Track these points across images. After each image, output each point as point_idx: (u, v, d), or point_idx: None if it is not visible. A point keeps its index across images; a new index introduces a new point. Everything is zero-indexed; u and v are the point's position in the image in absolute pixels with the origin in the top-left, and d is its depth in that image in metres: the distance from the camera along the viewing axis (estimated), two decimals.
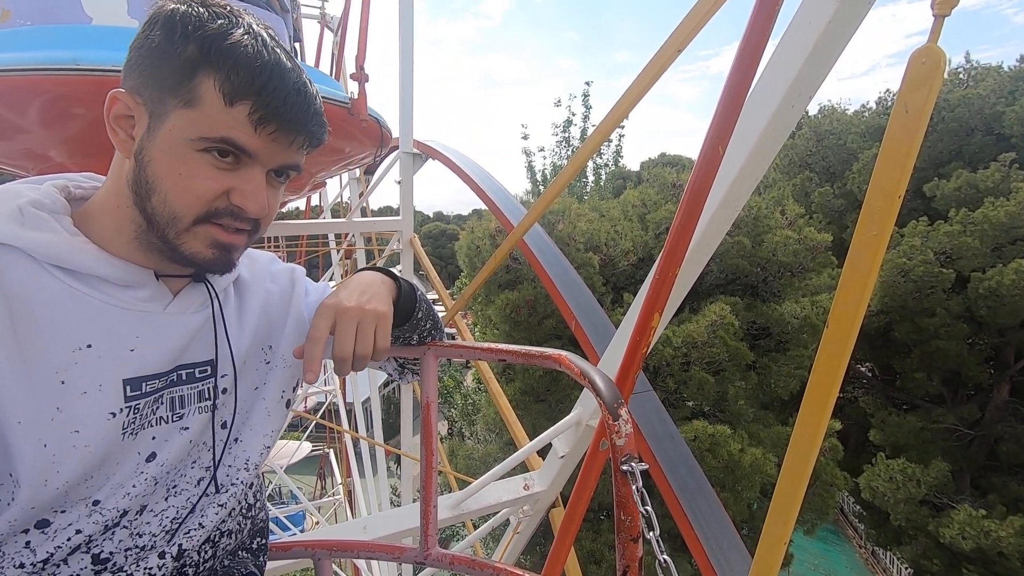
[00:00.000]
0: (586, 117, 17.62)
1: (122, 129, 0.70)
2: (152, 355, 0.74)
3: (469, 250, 10.06)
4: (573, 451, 2.21)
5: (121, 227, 0.72)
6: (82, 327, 0.68)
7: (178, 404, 0.79)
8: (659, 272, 1.19)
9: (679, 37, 1.50)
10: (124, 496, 0.73)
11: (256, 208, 0.72)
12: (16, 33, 2.28)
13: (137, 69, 0.68)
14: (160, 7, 0.68)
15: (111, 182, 0.74)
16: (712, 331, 8.51)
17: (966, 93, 13.46)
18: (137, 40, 0.69)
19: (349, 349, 0.81)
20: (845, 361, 1.24)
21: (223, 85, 0.65)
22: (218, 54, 0.65)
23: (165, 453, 0.77)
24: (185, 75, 0.65)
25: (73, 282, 0.68)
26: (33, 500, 0.65)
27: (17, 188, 0.71)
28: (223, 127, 0.66)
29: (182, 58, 0.65)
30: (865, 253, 1.17)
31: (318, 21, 6.79)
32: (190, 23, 0.65)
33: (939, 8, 1.04)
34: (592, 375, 0.88)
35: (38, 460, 0.64)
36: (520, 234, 2.47)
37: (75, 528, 0.70)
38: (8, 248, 0.66)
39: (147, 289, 0.74)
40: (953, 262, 11.25)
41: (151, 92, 0.67)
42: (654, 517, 0.76)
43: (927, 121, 1.08)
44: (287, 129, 0.70)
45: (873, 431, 12.82)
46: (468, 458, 10.18)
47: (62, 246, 0.68)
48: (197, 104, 0.66)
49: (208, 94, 0.65)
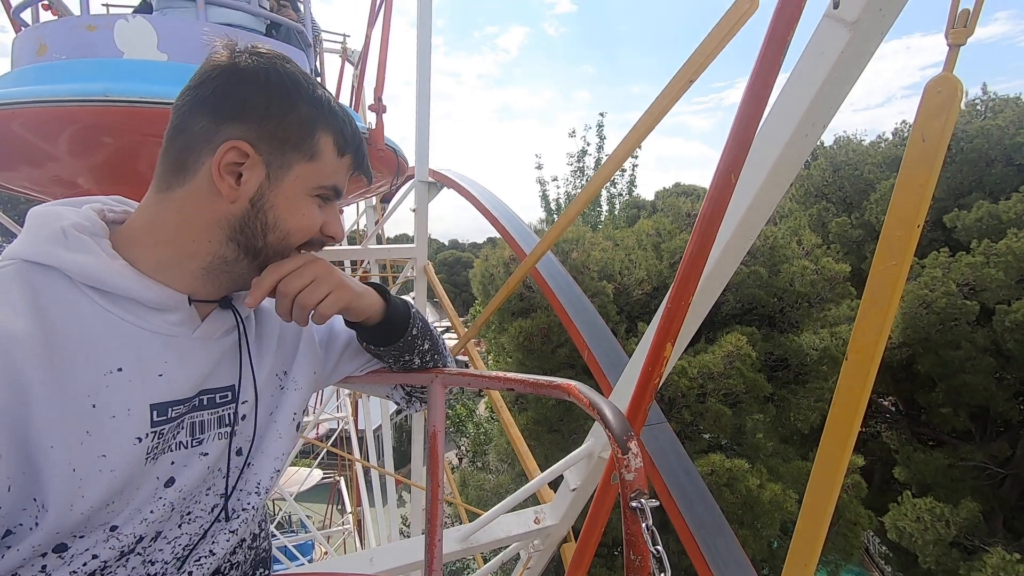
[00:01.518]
0: (600, 147, 17.82)
1: (230, 175, 0.74)
2: (179, 380, 0.74)
3: (483, 278, 10.10)
4: (585, 484, 2.15)
5: (193, 256, 0.75)
6: (114, 350, 0.69)
7: (198, 429, 0.79)
8: (672, 301, 1.17)
9: (691, 67, 1.51)
10: (141, 522, 0.73)
11: (340, 233, 0.85)
12: (52, 67, 2.38)
13: (251, 123, 0.73)
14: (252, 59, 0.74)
15: (178, 217, 0.74)
16: (729, 362, 8.37)
17: (984, 124, 13.36)
18: (241, 93, 0.73)
19: (293, 290, 0.80)
20: (867, 393, 1.20)
21: (337, 140, 0.79)
22: (329, 114, 0.78)
23: (184, 479, 0.77)
24: (306, 133, 0.76)
25: (107, 304, 0.70)
26: (58, 525, 0.64)
27: (58, 211, 0.73)
28: (334, 176, 0.80)
29: (300, 117, 0.75)
30: (884, 283, 1.14)
31: (339, 55, 7.01)
32: (296, 84, 0.75)
33: (953, 38, 1.04)
34: (601, 406, 0.86)
35: (66, 485, 0.64)
36: (533, 262, 2.47)
37: (92, 553, 0.69)
38: (47, 269, 0.68)
39: (179, 313, 0.75)
40: (977, 294, 10.99)
41: (270, 146, 0.74)
42: (665, 558, 0.73)
43: (944, 149, 1.07)
44: (363, 172, 0.86)
45: (898, 468, 12.37)
46: (480, 488, 10.02)
47: (103, 268, 0.69)
48: (318, 158, 0.77)
49: (326, 149, 0.78)
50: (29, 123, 2.20)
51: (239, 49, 0.75)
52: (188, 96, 0.74)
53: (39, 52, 2.42)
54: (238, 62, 0.73)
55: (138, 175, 2.44)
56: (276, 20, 2.86)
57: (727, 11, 1.39)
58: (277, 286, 0.79)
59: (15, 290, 0.65)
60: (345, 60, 6.87)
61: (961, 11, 1.01)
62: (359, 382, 1.11)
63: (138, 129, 2.24)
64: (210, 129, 0.72)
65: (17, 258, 0.68)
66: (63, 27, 2.48)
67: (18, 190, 2.77)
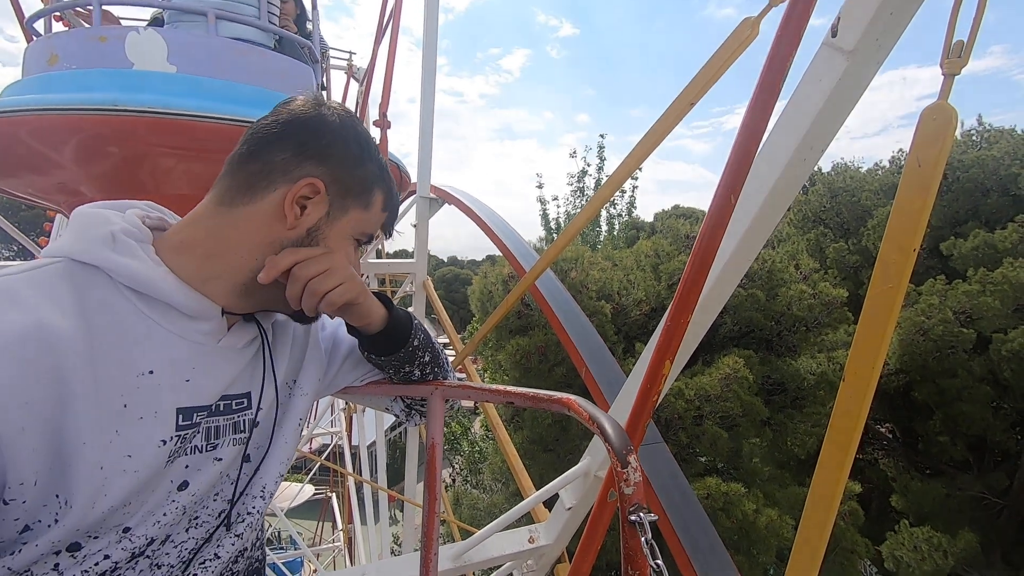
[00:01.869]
0: (600, 168, 17.96)
1: (297, 206, 0.81)
2: (204, 387, 0.77)
3: (482, 295, 10.10)
4: (581, 503, 2.14)
5: (237, 271, 0.79)
6: (148, 353, 0.71)
7: (213, 434, 0.81)
8: (671, 318, 1.18)
9: (692, 90, 1.54)
10: (154, 524, 0.74)
11: (359, 272, 0.94)
12: (62, 76, 2.42)
13: (328, 166, 0.83)
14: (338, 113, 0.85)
15: (232, 234, 0.79)
16: (726, 384, 8.35)
17: (980, 155, 13.54)
18: (325, 138, 0.83)
19: (307, 275, 0.82)
20: (863, 417, 1.21)
21: (386, 199, 0.91)
22: (386, 175, 0.91)
23: (197, 483, 0.79)
24: (368, 187, 0.87)
25: (144, 307, 0.72)
26: (78, 523, 0.65)
27: (107, 214, 0.76)
28: (374, 227, 0.92)
29: (367, 172, 0.87)
30: (881, 306, 1.16)
31: (345, 72, 7.11)
32: (367, 145, 0.88)
33: (948, 68, 1.06)
34: (601, 420, 0.86)
35: (92, 482, 0.65)
36: (532, 279, 2.48)
37: (104, 554, 0.70)
38: (92, 268, 0.70)
39: (211, 323, 0.78)
40: (973, 322, 11.01)
41: (337, 189, 0.84)
42: (665, 572, 0.73)
43: (940, 175, 1.09)
44: (389, 230, 0.99)
45: (895, 496, 12.25)
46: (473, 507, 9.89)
47: (148, 273, 0.72)
48: (370, 208, 0.89)
49: (377, 203, 0.90)
50: (37, 130, 2.22)
51: (324, 102, 0.85)
52: (271, 129, 0.81)
53: (50, 61, 2.45)
54: (325, 114, 0.83)
55: (140, 184, 2.46)
56: (285, 36, 2.90)
57: (728, 37, 1.43)
58: (292, 269, 0.81)
59: (63, 288, 0.67)
60: (350, 77, 6.97)
61: (956, 42, 1.04)
62: (358, 392, 1.12)
63: (144, 139, 2.26)
64: (291, 163, 0.80)
65: (65, 256, 0.71)
66: (75, 38, 2.52)
67: (21, 196, 2.79)
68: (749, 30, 1.39)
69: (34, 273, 0.68)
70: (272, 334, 0.92)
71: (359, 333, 0.98)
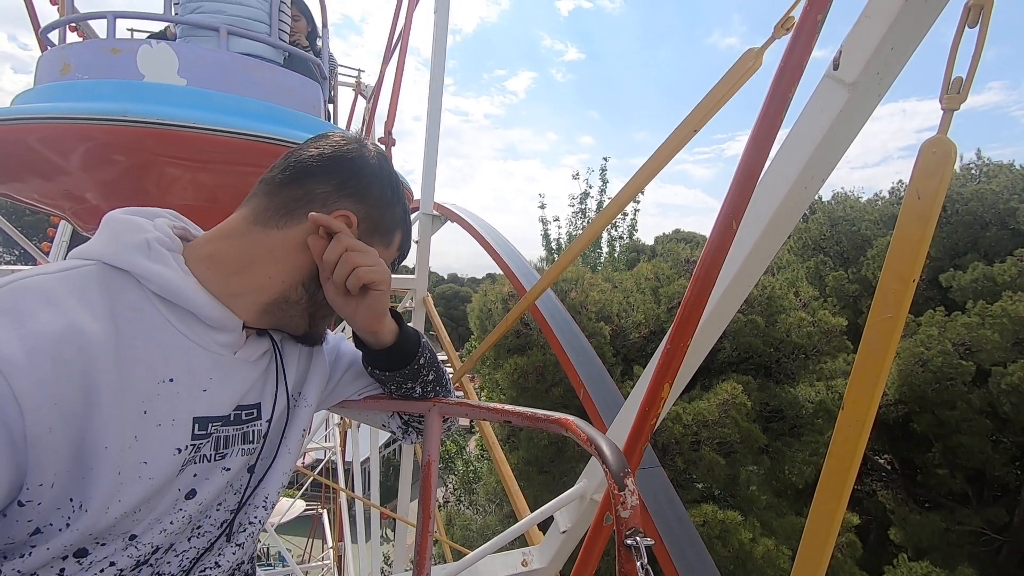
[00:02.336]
0: (603, 190, 18.11)
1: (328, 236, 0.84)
2: (220, 397, 0.78)
3: (481, 313, 10.10)
4: (576, 526, 2.11)
5: (263, 288, 0.82)
6: (170, 361, 0.72)
7: (222, 444, 0.81)
8: (671, 341, 1.18)
9: (695, 117, 1.57)
10: (160, 532, 0.74)
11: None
12: (73, 85, 2.45)
13: (361, 203, 0.88)
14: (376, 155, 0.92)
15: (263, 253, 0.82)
16: (724, 410, 8.30)
17: (979, 188, 13.67)
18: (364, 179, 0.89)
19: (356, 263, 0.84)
20: (862, 445, 1.20)
21: (403, 242, 0.99)
22: (407, 220, 0.99)
23: (204, 492, 0.79)
24: (392, 227, 0.94)
25: (169, 315, 0.73)
26: (91, 528, 0.65)
27: (140, 222, 0.78)
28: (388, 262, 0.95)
29: (394, 214, 0.94)
30: (880, 335, 1.16)
31: (352, 88, 7.21)
32: (398, 189, 0.94)
33: (947, 103, 1.08)
34: (599, 441, 0.86)
35: (109, 487, 0.65)
36: (532, 298, 2.49)
37: (110, 561, 0.70)
38: (123, 274, 0.72)
39: (231, 335, 0.80)
40: (973, 354, 10.98)
41: (367, 225, 0.89)
42: None
43: (939, 207, 1.10)
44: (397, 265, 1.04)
45: (894, 529, 12.09)
46: (466, 528, 9.76)
47: (179, 283, 0.74)
48: (389, 247, 0.95)
49: (394, 243, 0.96)
50: (46, 138, 2.25)
51: (364, 142, 0.92)
52: (315, 160, 0.86)
53: (63, 71, 2.49)
54: (366, 155, 0.90)
55: (145, 192, 2.48)
56: (295, 53, 2.95)
57: (732, 66, 1.45)
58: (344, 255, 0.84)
59: (95, 291, 0.68)
60: (358, 94, 7.06)
61: (955, 78, 1.06)
62: (356, 407, 1.11)
63: (151, 148, 2.28)
64: (331, 196, 0.85)
65: (97, 259, 0.72)
66: (88, 49, 2.56)
67: (26, 201, 2.81)
68: (752, 60, 1.42)
69: (69, 274, 0.68)
70: (282, 346, 0.93)
71: (366, 347, 0.98)
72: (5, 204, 13.61)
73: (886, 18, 1.15)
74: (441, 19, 3.64)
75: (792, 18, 1.38)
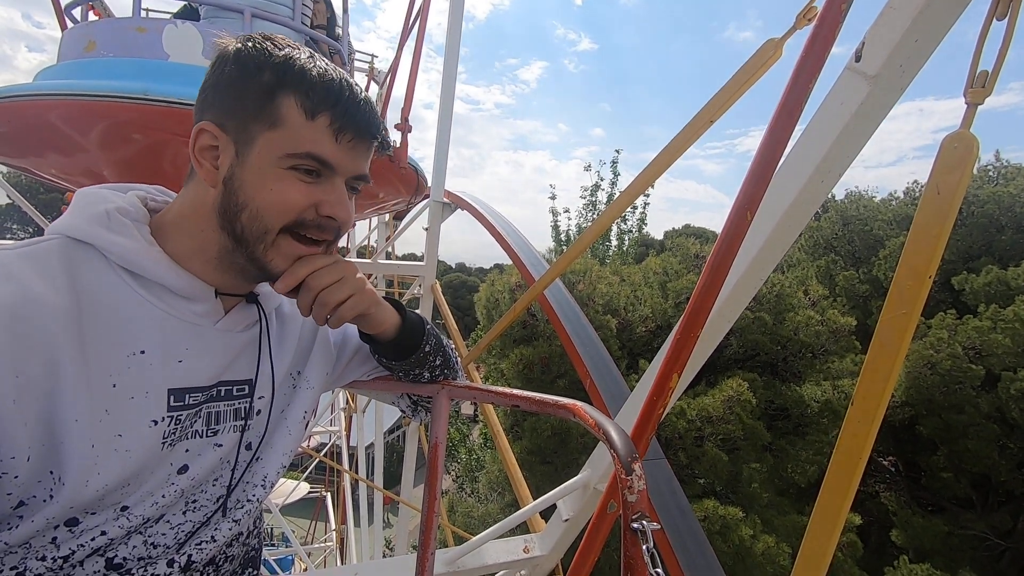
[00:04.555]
0: (613, 183, 17.99)
1: (207, 160, 0.74)
2: (198, 368, 0.76)
3: (488, 302, 10.11)
4: (578, 515, 2.12)
5: (203, 248, 0.76)
6: (140, 333, 0.71)
7: (214, 420, 0.81)
8: (680, 332, 1.18)
9: (713, 107, 1.55)
10: (152, 505, 0.74)
11: (344, 215, 0.77)
12: (96, 63, 2.46)
13: (216, 104, 0.74)
14: (224, 47, 0.75)
15: (188, 207, 0.78)
16: (728, 407, 8.28)
17: (996, 190, 13.47)
18: (209, 79, 0.75)
19: (319, 285, 0.80)
20: (870, 441, 1.20)
21: (303, 102, 0.71)
22: (293, 76, 0.71)
23: (197, 467, 0.78)
24: (266, 100, 0.71)
25: (138, 287, 0.72)
26: (72, 500, 0.65)
27: (105, 194, 0.76)
28: (307, 142, 0.71)
29: (260, 85, 0.71)
30: (894, 331, 1.15)
31: (366, 74, 7.19)
32: (260, 55, 0.72)
33: (972, 97, 1.07)
34: (607, 427, 0.86)
35: (84, 460, 0.65)
36: (541, 288, 2.49)
37: (101, 530, 0.70)
38: (87, 247, 0.70)
39: (205, 304, 0.77)
40: (983, 359, 10.88)
41: (234, 122, 0.72)
42: None
43: (959, 204, 1.09)
44: (362, 135, 0.76)
45: (896, 532, 12.05)
46: (467, 516, 9.83)
47: (140, 252, 0.72)
48: (281, 124, 0.71)
49: (290, 113, 0.71)
50: (67, 115, 2.26)
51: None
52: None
53: (87, 48, 2.50)
54: (227, 48, 0.74)
55: (162, 171, 2.49)
56: (316, 37, 2.95)
57: (752, 56, 1.44)
58: (306, 279, 0.79)
59: (57, 265, 0.67)
60: (371, 79, 7.04)
61: (980, 72, 1.04)
62: (366, 387, 1.12)
63: (169, 128, 2.29)
64: (198, 121, 0.75)
65: (61, 234, 0.71)
66: (113, 27, 2.57)
67: (44, 176, 2.83)
68: (773, 51, 1.40)
69: (28, 249, 0.68)
70: (279, 322, 0.92)
71: (371, 339, 0.97)
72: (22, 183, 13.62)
73: (911, 9, 1.13)
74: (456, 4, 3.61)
75: (815, 7, 1.36)
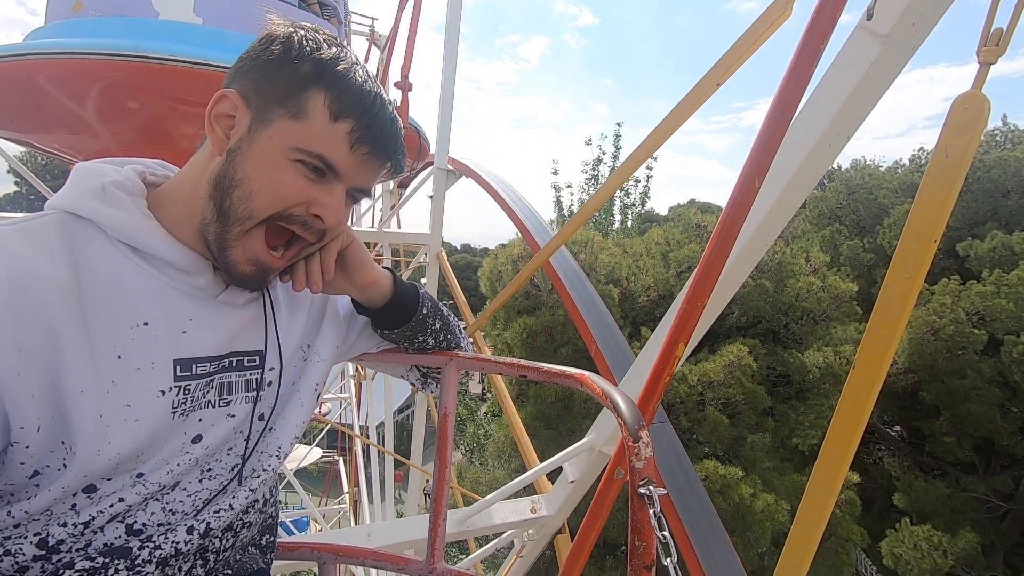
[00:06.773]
0: (615, 156, 17.70)
1: (220, 127, 0.74)
2: (203, 338, 0.77)
3: (491, 275, 10.13)
4: (584, 477, 2.17)
5: (190, 216, 0.76)
6: (142, 305, 0.71)
7: (226, 390, 0.82)
8: (687, 301, 1.18)
9: (720, 70, 1.52)
10: (168, 473, 0.76)
11: (334, 220, 0.77)
12: (84, 22, 2.40)
13: (249, 76, 0.73)
14: (278, 24, 0.74)
15: (189, 174, 0.78)
16: (729, 371, 8.36)
17: (1003, 155, 13.27)
18: (252, 50, 0.75)
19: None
20: (871, 404, 1.21)
21: (332, 102, 0.71)
22: (331, 74, 0.72)
23: (210, 437, 0.80)
24: (297, 89, 0.71)
25: (139, 261, 0.72)
26: (85, 468, 0.67)
27: (102, 168, 0.76)
28: (321, 143, 0.72)
29: (297, 73, 0.71)
30: (897, 295, 1.15)
31: (367, 38, 7.03)
32: (308, 45, 0.72)
33: (985, 56, 1.04)
34: (614, 395, 0.88)
35: (93, 430, 0.66)
36: (547, 256, 2.49)
37: (119, 496, 0.72)
38: (86, 221, 0.71)
39: (205, 277, 0.78)
40: (986, 324, 10.89)
41: (259, 99, 0.72)
42: (672, 543, 0.74)
43: (967, 167, 1.08)
44: (378, 153, 0.76)
45: (898, 495, 12.29)
46: (475, 482, 10.06)
47: (135, 225, 0.72)
48: (303, 117, 0.71)
49: (316, 109, 0.71)
50: (56, 75, 2.19)
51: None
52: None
53: (75, 8, 2.44)
54: (279, 27, 0.74)
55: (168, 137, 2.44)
56: None
57: (760, 15, 1.40)
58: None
59: (55, 239, 0.67)
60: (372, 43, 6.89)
61: (995, 30, 1.02)
62: (375, 359, 1.13)
63: (164, 90, 2.21)
64: (226, 87, 0.75)
65: (59, 208, 0.71)
66: None
67: (48, 150, 2.81)
68: (783, 9, 1.37)
69: (26, 224, 0.68)
70: (285, 295, 0.92)
71: (368, 310, 0.98)
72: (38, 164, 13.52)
73: None
74: None
75: None
